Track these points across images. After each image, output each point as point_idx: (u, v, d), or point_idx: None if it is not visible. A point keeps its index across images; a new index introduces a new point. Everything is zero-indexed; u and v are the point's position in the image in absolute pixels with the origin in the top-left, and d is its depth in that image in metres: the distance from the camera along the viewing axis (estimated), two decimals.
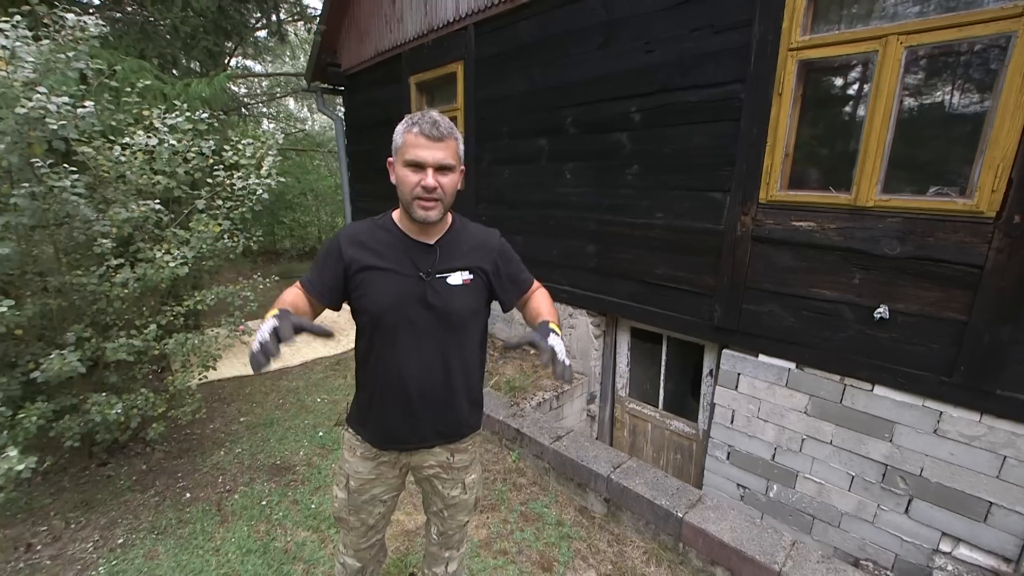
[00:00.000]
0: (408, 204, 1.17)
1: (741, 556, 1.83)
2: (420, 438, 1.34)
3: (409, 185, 1.14)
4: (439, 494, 1.44)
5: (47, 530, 2.12)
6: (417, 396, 1.27)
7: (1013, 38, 1.78)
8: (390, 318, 1.22)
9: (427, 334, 1.24)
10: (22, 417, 1.76)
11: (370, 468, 1.36)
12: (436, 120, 1.13)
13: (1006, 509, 2.05)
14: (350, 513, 1.42)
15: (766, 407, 2.70)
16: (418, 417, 1.29)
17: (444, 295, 1.23)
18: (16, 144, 1.52)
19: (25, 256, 1.78)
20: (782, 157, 2.42)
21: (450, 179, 1.17)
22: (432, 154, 1.12)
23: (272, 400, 3.36)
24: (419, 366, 1.25)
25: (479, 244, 1.32)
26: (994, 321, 1.95)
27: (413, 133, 1.13)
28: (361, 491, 1.38)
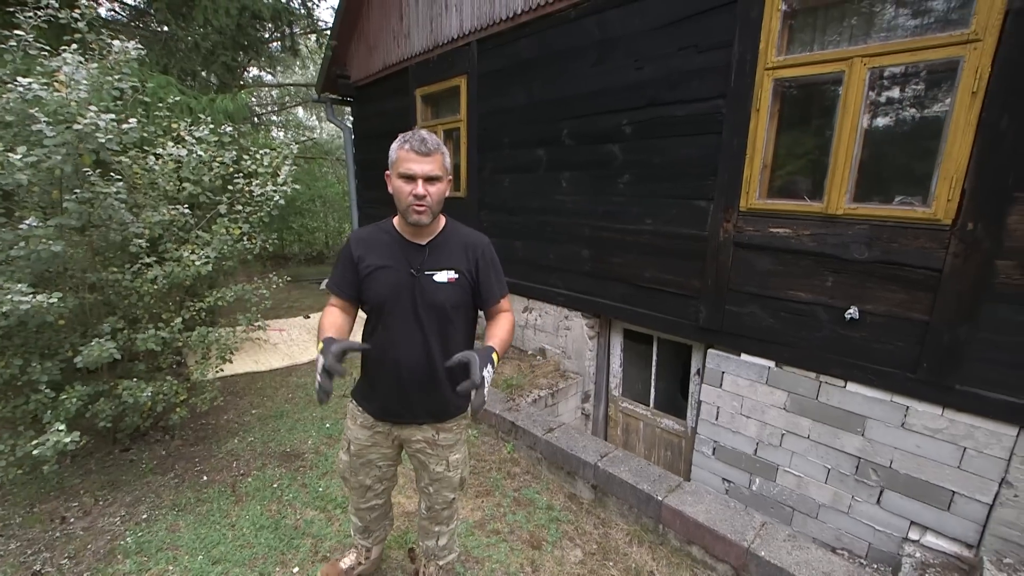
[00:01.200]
0: (404, 210, 1.37)
1: (714, 535, 1.98)
2: (412, 414, 1.52)
3: (403, 194, 1.34)
4: (426, 468, 1.60)
5: (78, 505, 2.31)
6: (406, 376, 1.46)
7: (961, 62, 1.96)
8: (386, 307, 1.43)
9: (415, 323, 1.43)
10: (64, 398, 1.96)
11: (367, 436, 1.56)
12: (424, 138, 1.33)
13: (967, 497, 2.18)
14: (351, 474, 1.64)
15: (748, 404, 2.85)
16: (407, 395, 1.48)
17: (430, 290, 1.41)
18: (69, 156, 1.73)
19: (68, 254, 1.98)
20: (760, 168, 2.59)
21: (437, 188, 1.36)
22: (421, 167, 1.31)
23: (282, 394, 3.54)
24: (407, 350, 1.44)
25: (466, 246, 1.49)
26: (952, 321, 2.10)
27: (405, 150, 1.33)
28: (360, 455, 1.58)
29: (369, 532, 1.80)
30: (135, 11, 4.12)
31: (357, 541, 1.84)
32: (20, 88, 1.70)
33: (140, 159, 2.14)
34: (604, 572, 2.01)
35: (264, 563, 1.98)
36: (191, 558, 1.99)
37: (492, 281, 1.51)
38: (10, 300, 1.61)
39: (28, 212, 1.98)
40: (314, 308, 5.89)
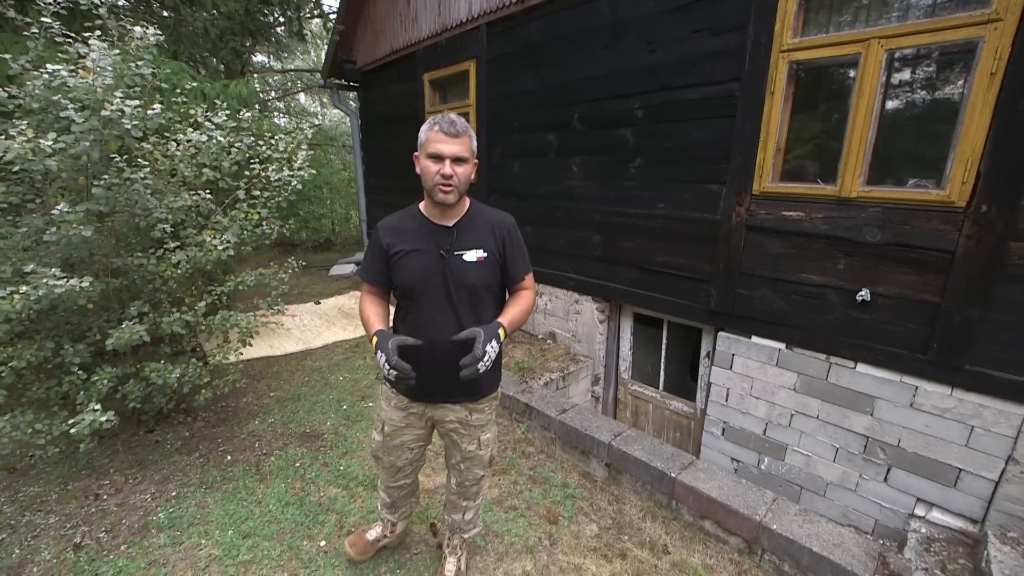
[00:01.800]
0: (431, 190, 1.41)
1: (727, 510, 2.04)
2: (446, 394, 1.55)
3: (431, 173, 1.38)
4: (458, 447, 1.65)
5: (109, 483, 2.39)
6: (440, 356, 1.47)
7: (980, 43, 1.95)
8: (417, 289, 1.46)
9: (446, 302, 1.47)
10: (95, 379, 2.02)
11: (401, 417, 1.60)
12: (453, 120, 1.38)
13: (973, 475, 2.23)
14: (384, 454, 1.68)
15: (758, 385, 2.90)
16: (441, 374, 1.49)
17: (460, 269, 1.45)
18: (96, 142, 1.76)
19: (92, 240, 2.02)
20: (774, 151, 2.60)
21: (464, 169, 1.40)
22: (449, 147, 1.36)
23: (298, 378, 3.61)
24: (440, 329, 1.47)
25: (492, 226, 1.53)
26: (964, 302, 2.13)
27: (434, 131, 1.37)
28: (393, 436, 1.63)
29: (396, 508, 1.86)
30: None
31: (384, 515, 1.90)
32: (46, 75, 1.73)
33: (160, 145, 2.17)
34: (619, 545, 2.08)
35: (292, 537, 2.05)
36: (222, 533, 2.07)
37: (517, 259, 1.54)
38: (45, 284, 1.66)
39: (52, 198, 2.02)
40: (324, 294, 5.95)
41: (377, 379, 2.86)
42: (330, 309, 5.33)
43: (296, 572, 1.88)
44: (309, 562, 1.93)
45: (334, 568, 1.90)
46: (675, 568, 1.97)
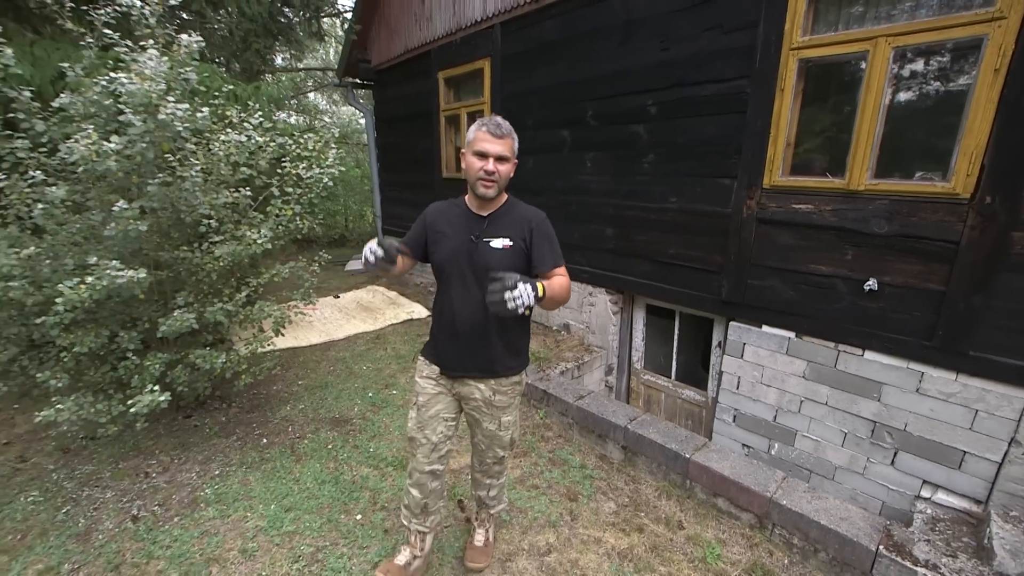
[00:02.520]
0: (473, 183, 1.56)
1: (739, 487, 2.16)
2: (463, 367, 1.66)
3: (475, 169, 1.53)
4: (480, 426, 1.76)
5: (157, 463, 2.56)
6: (461, 330, 1.62)
7: (985, 40, 2.03)
8: (448, 268, 1.63)
9: (473, 283, 1.60)
10: (148, 364, 2.18)
11: (432, 386, 1.72)
12: (500, 123, 1.53)
13: (977, 457, 2.32)
14: (419, 430, 1.72)
15: (768, 373, 3.00)
16: (460, 348, 1.64)
17: (486, 255, 1.58)
18: (152, 143, 1.91)
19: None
20: (784, 146, 2.69)
21: (505, 167, 1.55)
22: (494, 147, 1.51)
23: (324, 367, 3.77)
24: (462, 306, 1.61)
25: (522, 220, 1.64)
26: (968, 291, 2.21)
27: (482, 131, 1.52)
28: (427, 406, 1.70)
29: (427, 512, 1.78)
30: None
31: (413, 526, 1.80)
32: (104, 82, 1.87)
33: (202, 145, 2.31)
34: (637, 521, 2.21)
35: (330, 511, 2.20)
36: (265, 507, 2.22)
37: (545, 250, 1.62)
38: (108, 275, 1.81)
39: (105, 196, 2.17)
40: (341, 288, 6.10)
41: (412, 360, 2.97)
42: (349, 303, 5.49)
43: (337, 541, 2.03)
44: (348, 533, 2.08)
45: (371, 538, 2.05)
46: (690, 541, 2.09)
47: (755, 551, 2.03)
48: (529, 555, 1.99)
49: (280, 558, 1.94)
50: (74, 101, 1.98)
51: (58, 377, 2.09)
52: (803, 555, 1.99)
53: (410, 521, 1.80)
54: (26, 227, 2.19)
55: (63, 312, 1.89)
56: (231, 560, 1.93)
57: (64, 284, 1.79)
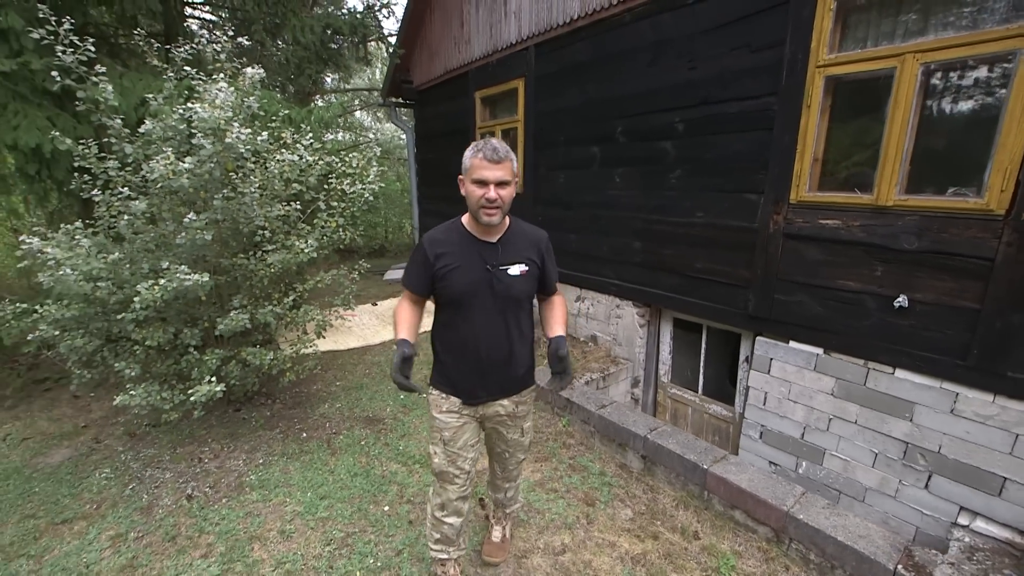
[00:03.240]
0: (476, 212, 1.50)
1: (756, 500, 2.16)
2: (489, 393, 1.68)
3: (476, 197, 1.47)
4: (503, 438, 1.79)
5: (208, 450, 2.82)
6: (486, 359, 1.61)
7: (1019, 54, 2.00)
8: (466, 300, 1.57)
9: (494, 312, 1.59)
10: (206, 359, 2.44)
11: (456, 419, 1.67)
12: (496, 147, 1.46)
13: (1019, 484, 2.22)
14: (449, 464, 1.68)
15: (796, 389, 2.96)
16: (486, 376, 1.64)
17: (506, 283, 1.57)
18: (218, 164, 2.18)
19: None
20: (811, 162, 2.70)
21: (507, 191, 1.50)
22: (493, 173, 1.45)
23: (360, 370, 4.00)
24: (489, 337, 1.60)
25: (532, 242, 1.66)
26: (1005, 308, 2.15)
27: (478, 158, 1.46)
28: (454, 440, 1.67)
29: (460, 534, 1.79)
30: (233, 30, 4.72)
31: (452, 554, 1.80)
32: (181, 110, 2.16)
33: (260, 164, 2.59)
34: (652, 528, 2.25)
35: (360, 501, 2.37)
36: (302, 494, 2.42)
37: (552, 271, 1.70)
38: (177, 278, 2.07)
39: (175, 209, 2.47)
40: (379, 296, 6.39)
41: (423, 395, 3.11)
42: (386, 310, 5.76)
43: (365, 529, 2.18)
44: (375, 522, 2.23)
45: (397, 528, 2.19)
46: (705, 551, 2.11)
47: (770, 564, 2.03)
48: (544, 553, 2.07)
49: (314, 540, 2.11)
50: (155, 127, 2.29)
51: (132, 367, 2.37)
52: (820, 571, 1.98)
53: (448, 552, 1.79)
54: (110, 236, 2.51)
55: (139, 310, 2.16)
56: (271, 539, 2.12)
57: (141, 285, 2.06)
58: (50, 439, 3.02)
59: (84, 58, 2.24)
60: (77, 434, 3.07)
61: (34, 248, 2.10)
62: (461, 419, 1.68)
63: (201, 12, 5.15)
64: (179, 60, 2.42)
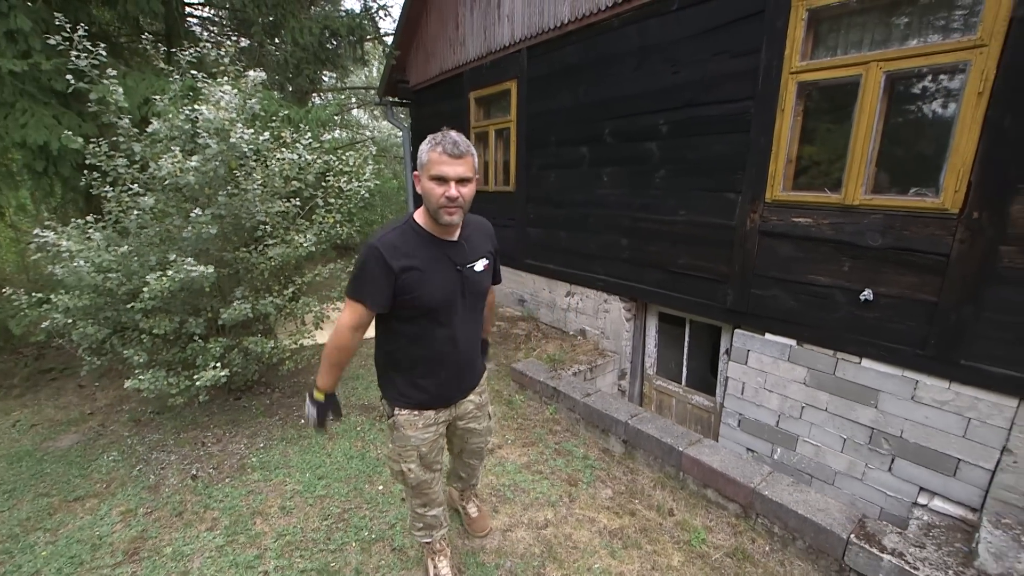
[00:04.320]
0: (435, 211, 1.37)
1: (726, 478, 2.32)
2: (462, 392, 1.68)
3: (435, 196, 1.34)
4: (475, 431, 1.79)
5: (211, 435, 2.95)
6: (465, 362, 1.59)
7: (969, 65, 2.16)
8: (443, 309, 1.47)
9: (467, 312, 1.55)
10: (210, 347, 2.57)
11: (433, 431, 1.63)
12: (456, 140, 1.33)
13: (971, 464, 2.39)
14: (426, 473, 1.67)
15: (771, 379, 3.12)
16: (464, 375, 1.63)
17: (475, 280, 1.52)
18: (223, 162, 2.31)
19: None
20: (785, 163, 2.85)
21: (469, 189, 1.38)
22: (454, 169, 1.32)
23: (355, 361, 4.13)
24: (464, 339, 1.57)
25: (484, 234, 1.61)
26: (958, 302, 2.31)
27: (437, 152, 1.32)
28: (431, 450, 1.65)
29: (441, 518, 1.83)
30: (233, 31, 4.83)
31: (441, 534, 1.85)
32: (188, 111, 2.29)
33: (261, 162, 2.72)
34: (630, 506, 2.40)
35: (356, 481, 2.51)
36: (301, 474, 2.56)
37: (499, 265, 1.69)
38: (185, 270, 2.20)
39: (180, 205, 2.59)
40: None
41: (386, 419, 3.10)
42: None
43: (361, 505, 2.33)
44: (370, 499, 2.37)
45: (390, 504, 2.33)
46: (678, 527, 2.26)
47: (739, 538, 2.19)
48: (528, 528, 2.22)
49: (312, 515, 2.25)
50: (162, 127, 2.41)
51: (139, 354, 2.51)
52: (783, 542, 2.13)
53: (432, 535, 1.83)
54: (118, 230, 2.64)
55: (147, 299, 2.29)
56: (272, 514, 2.26)
57: (151, 276, 2.19)
58: (58, 425, 3.15)
59: (96, 61, 2.37)
60: (84, 421, 3.20)
61: (49, 241, 2.23)
62: (438, 429, 1.65)
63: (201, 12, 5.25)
64: (184, 63, 2.55)
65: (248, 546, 2.07)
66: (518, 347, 4.34)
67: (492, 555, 2.06)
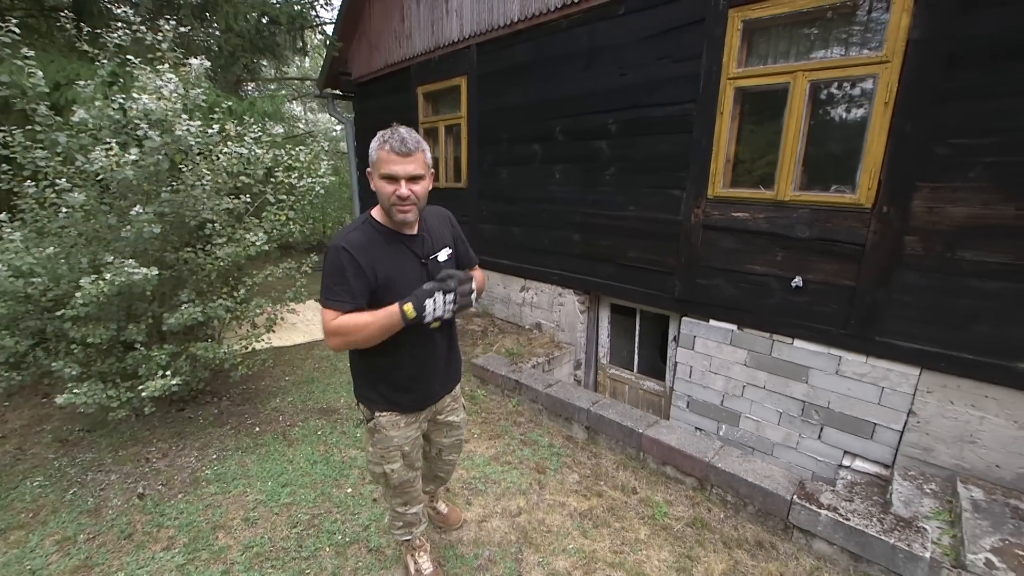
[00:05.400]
0: (388, 209, 1.37)
1: (683, 455, 2.50)
2: (443, 387, 1.69)
3: (386, 194, 1.33)
4: (451, 424, 1.80)
5: (156, 450, 2.74)
6: (441, 356, 1.59)
7: (877, 78, 2.46)
8: None
9: None
10: (154, 355, 2.38)
11: (415, 429, 1.64)
12: (404, 137, 1.30)
13: (885, 427, 2.73)
14: (408, 471, 1.66)
15: (716, 362, 3.38)
16: (442, 373, 1.63)
17: (439, 272, 1.42)
18: (166, 156, 2.14)
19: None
20: (724, 162, 3.08)
21: (421, 186, 1.36)
22: (403, 167, 1.30)
23: (309, 364, 3.98)
24: (441, 332, 1.57)
25: (442, 223, 1.59)
26: (872, 286, 2.63)
27: (385, 151, 1.30)
28: (413, 448, 1.65)
29: (421, 516, 1.83)
30: (152, 13, 4.42)
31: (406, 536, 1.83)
32: (121, 99, 2.10)
33: (205, 156, 2.54)
34: (596, 488, 2.52)
35: (323, 485, 2.44)
36: (263, 483, 2.45)
37: (467, 246, 1.66)
38: (125, 272, 2.03)
39: (115, 202, 2.38)
40: None
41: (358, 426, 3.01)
42: None
43: (330, 510, 2.27)
44: (340, 503, 2.32)
45: (362, 507, 2.30)
46: (642, 503, 2.41)
47: (696, 508, 2.37)
48: (502, 516, 2.27)
49: (280, 524, 2.17)
50: (89, 116, 2.20)
51: (71, 367, 2.28)
52: (735, 509, 2.34)
53: (412, 532, 1.83)
54: (36, 229, 2.38)
55: (80, 306, 2.09)
56: (235, 527, 2.15)
57: (84, 280, 2.00)
58: None
59: (8, 39, 2.10)
60: None
61: None
62: (420, 427, 1.65)
63: None
64: (111, 46, 2.33)
65: (212, 562, 1.96)
66: (475, 343, 4.37)
67: (470, 546, 2.09)
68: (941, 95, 2.30)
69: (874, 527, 1.95)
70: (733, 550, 2.11)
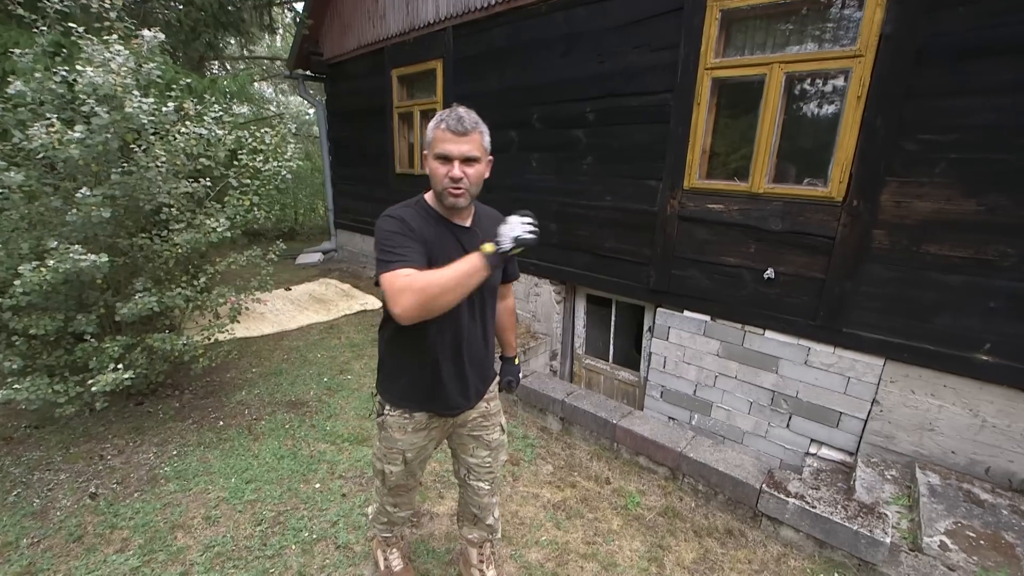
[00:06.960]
0: (440, 192, 1.29)
1: (656, 445, 2.51)
2: (467, 400, 1.48)
3: (439, 176, 1.26)
4: (483, 442, 1.58)
5: (111, 447, 2.60)
6: (468, 363, 1.43)
7: (850, 72, 2.47)
8: None
9: (478, 308, 1.41)
10: (106, 347, 2.24)
11: (423, 435, 1.49)
12: (461, 116, 1.24)
13: (850, 416, 2.80)
14: (407, 478, 1.57)
15: (689, 353, 3.41)
16: (466, 379, 1.44)
17: None
18: (116, 135, 1.98)
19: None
20: (700, 153, 3.08)
21: (475, 169, 1.28)
22: (458, 147, 1.24)
23: (277, 356, 3.85)
24: (470, 337, 1.42)
25: (498, 223, 1.47)
26: (841, 278, 2.68)
27: (441, 129, 1.25)
28: (417, 456, 1.53)
29: (407, 519, 1.78)
30: None
31: (387, 534, 1.79)
32: (64, 71, 1.93)
33: (160, 136, 2.39)
34: (570, 479, 2.51)
35: (290, 482, 2.36)
36: (226, 480, 2.35)
37: (514, 259, 1.48)
38: (71, 259, 1.89)
39: (60, 183, 2.22)
40: (292, 281, 6.09)
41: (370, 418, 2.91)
42: (301, 295, 5.52)
43: (297, 506, 2.20)
44: (307, 499, 2.25)
45: (330, 502, 2.23)
46: (615, 493, 2.42)
47: (668, 498, 2.39)
48: None
49: (243, 522, 2.09)
50: (26, 90, 2.02)
51: (11, 360, 2.12)
52: (706, 498, 2.37)
53: (399, 529, 1.79)
54: None
55: (20, 295, 1.94)
56: (195, 526, 2.06)
57: (24, 267, 1.85)
58: None
59: None
60: None
61: None
62: (430, 435, 1.50)
63: None
64: (51, 12, 2.14)
65: (170, 563, 1.87)
66: None
67: (442, 540, 2.06)
68: (910, 91, 2.33)
69: (839, 514, 2.00)
70: (703, 539, 2.14)
